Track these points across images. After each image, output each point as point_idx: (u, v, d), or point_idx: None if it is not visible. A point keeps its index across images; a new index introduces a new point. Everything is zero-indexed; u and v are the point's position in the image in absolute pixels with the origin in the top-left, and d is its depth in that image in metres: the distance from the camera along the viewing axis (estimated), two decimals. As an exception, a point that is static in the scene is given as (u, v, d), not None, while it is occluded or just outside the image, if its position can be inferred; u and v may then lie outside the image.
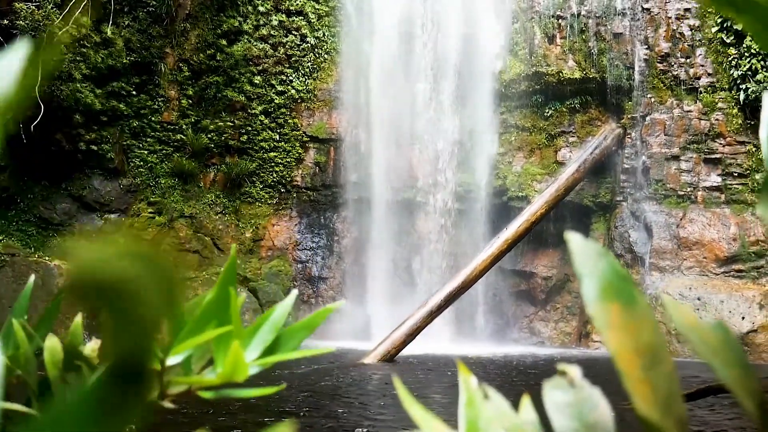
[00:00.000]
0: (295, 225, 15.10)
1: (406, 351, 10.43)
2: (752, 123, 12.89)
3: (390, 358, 10.08)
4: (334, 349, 0.67)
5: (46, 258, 11.59)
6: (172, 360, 0.63)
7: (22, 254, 11.46)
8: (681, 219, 12.89)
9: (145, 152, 14.37)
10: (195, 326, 0.63)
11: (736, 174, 12.96)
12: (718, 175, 13.04)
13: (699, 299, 11.91)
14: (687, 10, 13.44)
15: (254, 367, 0.64)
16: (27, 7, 11.28)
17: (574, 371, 0.40)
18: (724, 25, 12.98)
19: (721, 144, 13.07)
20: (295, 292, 0.79)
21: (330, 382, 7.21)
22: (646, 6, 13.61)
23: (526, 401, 0.46)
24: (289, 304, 0.72)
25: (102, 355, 0.68)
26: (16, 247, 11.92)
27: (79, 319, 0.76)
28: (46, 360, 0.72)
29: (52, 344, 0.74)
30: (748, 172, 12.89)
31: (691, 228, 12.77)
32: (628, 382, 0.34)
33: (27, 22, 11.28)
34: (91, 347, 0.71)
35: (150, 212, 14.03)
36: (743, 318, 11.51)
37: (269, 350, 0.66)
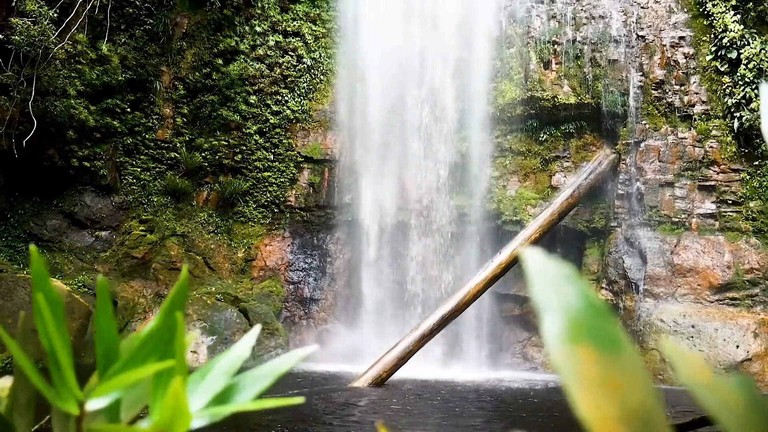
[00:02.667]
0: (288, 245, 14.98)
1: (397, 375, 10.27)
2: (746, 151, 12.90)
3: (381, 381, 9.92)
4: (302, 400, 0.56)
5: (34, 275, 11.42)
6: (94, 403, 0.50)
7: (10, 270, 11.29)
8: (675, 246, 12.83)
9: (138, 170, 14.28)
10: (129, 362, 0.51)
11: (730, 201, 12.93)
12: (713, 202, 13.01)
13: (693, 327, 11.81)
14: (681, 38, 13.52)
15: (200, 419, 0.51)
16: (23, 23, 11.25)
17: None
18: (719, 53, 13.06)
19: (715, 171, 13.06)
20: (258, 327, 0.68)
21: (316, 407, 7.05)
22: (641, 33, 13.69)
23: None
24: (248, 344, 0.60)
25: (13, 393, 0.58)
26: (4, 263, 11.75)
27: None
28: None
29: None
30: (743, 200, 12.86)
31: (685, 255, 12.70)
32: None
33: (23, 37, 11.25)
34: (1, 385, 0.60)
35: (141, 230, 13.89)
36: (737, 347, 11.40)
37: (220, 398, 0.54)
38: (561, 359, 0.27)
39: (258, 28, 14.88)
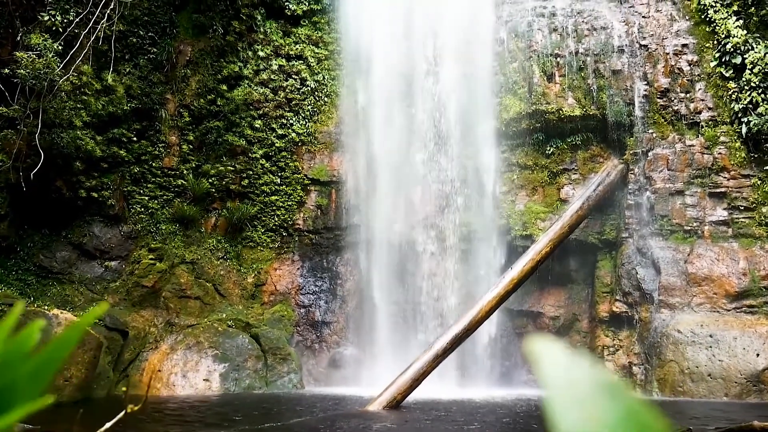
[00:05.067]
0: (298, 269, 14.90)
1: (412, 396, 10.12)
2: (756, 156, 12.77)
3: (395, 404, 9.78)
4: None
5: (45, 307, 11.39)
6: None
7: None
8: (689, 254, 12.67)
9: (146, 198, 14.29)
10: None
11: (742, 207, 12.79)
12: (724, 209, 12.86)
13: (711, 336, 11.60)
14: (684, 45, 13.48)
15: None
16: (28, 56, 11.34)
17: None
18: (723, 59, 12.99)
19: (725, 178, 12.93)
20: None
21: (332, 432, 6.92)
22: (643, 42, 13.66)
23: None
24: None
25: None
26: (14, 296, 11.73)
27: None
28: None
29: None
30: (755, 205, 12.72)
31: (699, 263, 12.53)
32: None
33: (28, 71, 11.33)
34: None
35: (151, 258, 13.86)
36: (758, 355, 11.19)
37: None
38: None
39: (261, 53, 14.96)
